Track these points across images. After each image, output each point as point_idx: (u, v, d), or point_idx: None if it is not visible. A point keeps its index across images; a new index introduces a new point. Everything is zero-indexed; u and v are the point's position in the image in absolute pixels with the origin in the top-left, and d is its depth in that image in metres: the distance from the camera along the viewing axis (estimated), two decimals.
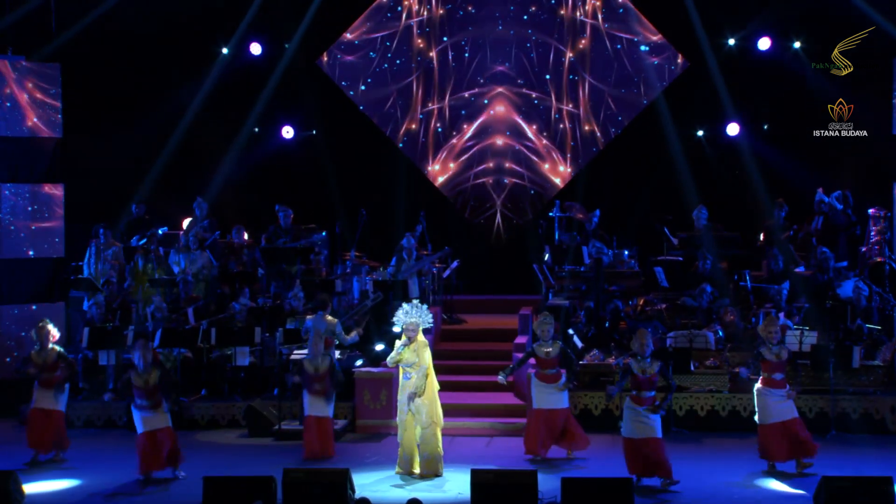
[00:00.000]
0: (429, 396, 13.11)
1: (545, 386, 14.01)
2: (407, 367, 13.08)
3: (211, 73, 20.50)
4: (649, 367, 12.71)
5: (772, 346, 13.26)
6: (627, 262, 18.47)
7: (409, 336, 13.12)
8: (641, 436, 12.57)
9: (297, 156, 21.51)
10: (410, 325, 13.15)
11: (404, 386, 13.12)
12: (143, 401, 13.08)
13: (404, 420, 13.09)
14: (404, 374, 13.13)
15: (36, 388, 14.19)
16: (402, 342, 13.16)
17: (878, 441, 14.88)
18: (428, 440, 13.05)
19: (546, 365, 14.03)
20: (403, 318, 13.23)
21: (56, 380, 14.15)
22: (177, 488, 12.64)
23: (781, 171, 19.74)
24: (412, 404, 13.02)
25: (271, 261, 18.54)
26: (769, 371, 13.27)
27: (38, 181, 18.43)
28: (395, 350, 13.23)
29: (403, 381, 13.15)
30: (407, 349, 13.10)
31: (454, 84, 21.91)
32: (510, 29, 21.82)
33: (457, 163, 22.01)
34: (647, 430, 12.57)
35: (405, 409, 13.07)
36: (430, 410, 13.07)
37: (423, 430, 13.03)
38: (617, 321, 17.19)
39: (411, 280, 18.22)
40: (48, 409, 14.05)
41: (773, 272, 17.97)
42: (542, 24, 21.75)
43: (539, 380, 14.07)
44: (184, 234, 18.99)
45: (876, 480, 11.23)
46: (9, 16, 18.01)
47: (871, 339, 16.17)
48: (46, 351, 14.21)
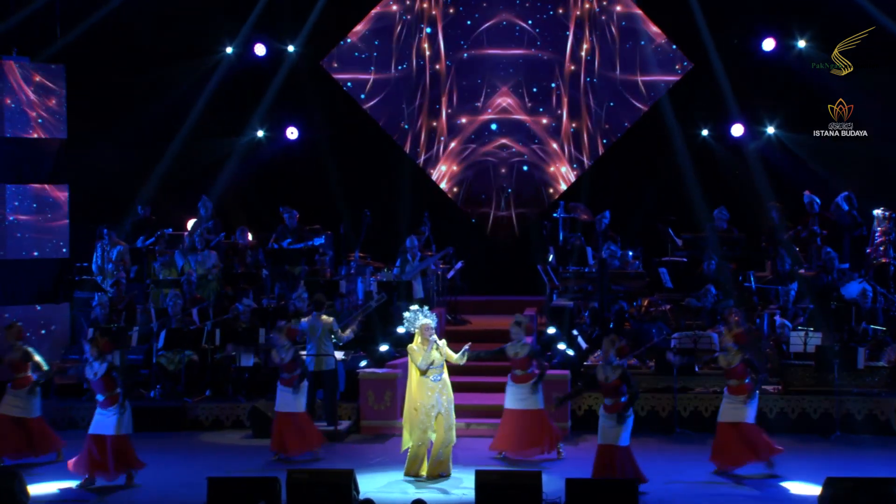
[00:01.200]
0: (451, 395, 13.16)
1: (517, 387, 14.11)
2: (436, 368, 13.03)
3: (215, 74, 20.51)
4: (612, 373, 12.59)
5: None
6: (632, 263, 18.46)
7: (428, 337, 13.04)
8: (603, 442, 12.48)
9: (301, 157, 21.51)
10: (425, 326, 13.08)
11: (433, 388, 12.96)
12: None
13: (432, 423, 12.94)
14: (434, 375, 13.00)
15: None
16: (428, 346, 13.00)
17: (883, 442, 14.87)
18: (449, 440, 13.04)
19: (517, 365, 14.11)
20: (415, 323, 13.14)
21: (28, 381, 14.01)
22: (181, 489, 12.62)
23: (786, 172, 19.72)
24: (443, 405, 12.98)
25: (275, 262, 18.54)
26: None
27: (42, 182, 18.45)
28: (423, 356, 12.99)
29: (433, 383, 13.02)
30: (434, 350, 13.04)
31: (459, 85, 21.91)
32: (515, 30, 21.81)
33: (461, 164, 22.00)
34: (609, 437, 12.44)
35: (434, 413, 12.92)
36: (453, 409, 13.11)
37: (449, 431, 12.99)
38: (621, 322, 17.19)
39: (415, 281, 18.23)
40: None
41: (779, 273, 17.96)
42: (548, 25, 21.74)
43: (511, 381, 14.20)
44: (189, 234, 19.00)
45: (880, 481, 11.24)
46: (14, 17, 18.03)
47: (875, 340, 16.16)
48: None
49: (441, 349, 13.09)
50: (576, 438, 15.21)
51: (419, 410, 12.96)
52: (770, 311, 16.87)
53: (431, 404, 12.95)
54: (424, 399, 12.97)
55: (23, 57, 18.34)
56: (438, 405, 12.96)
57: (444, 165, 21.99)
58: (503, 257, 21.53)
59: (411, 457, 13.09)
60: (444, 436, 12.96)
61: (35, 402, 13.99)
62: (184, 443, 13.88)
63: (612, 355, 12.57)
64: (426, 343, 13.04)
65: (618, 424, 12.29)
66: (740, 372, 13.13)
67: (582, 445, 14.85)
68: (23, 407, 13.90)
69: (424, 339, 13.07)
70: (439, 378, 13.03)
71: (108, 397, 12.81)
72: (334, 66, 21.93)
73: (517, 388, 14.11)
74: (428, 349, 13.01)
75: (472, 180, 21.99)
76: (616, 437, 12.29)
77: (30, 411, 13.95)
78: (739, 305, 17.04)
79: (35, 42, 18.51)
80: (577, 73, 21.70)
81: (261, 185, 21.15)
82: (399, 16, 21.89)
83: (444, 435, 12.96)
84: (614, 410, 12.38)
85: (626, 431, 12.34)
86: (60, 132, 18.60)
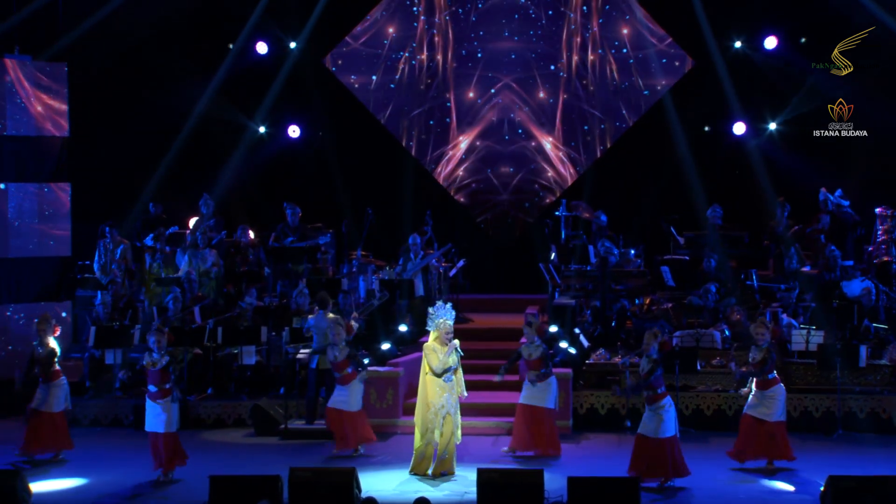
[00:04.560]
0: None
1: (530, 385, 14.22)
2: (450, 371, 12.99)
3: (217, 72, 20.50)
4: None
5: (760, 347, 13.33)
6: (634, 262, 18.45)
7: (447, 340, 12.96)
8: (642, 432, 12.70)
9: (304, 155, 21.53)
10: (445, 327, 12.98)
11: (444, 388, 12.90)
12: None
13: (441, 422, 12.89)
14: (445, 377, 12.94)
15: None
16: (448, 350, 12.92)
17: (885, 440, 14.86)
18: (455, 440, 13.05)
19: (531, 366, 14.19)
20: (435, 319, 13.04)
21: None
22: (183, 487, 12.63)
23: (788, 170, 19.71)
24: (453, 405, 12.97)
25: (277, 260, 18.55)
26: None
27: (44, 180, 18.45)
28: (440, 360, 12.89)
29: (445, 383, 12.93)
30: (454, 354, 12.98)
31: (461, 83, 21.92)
32: (518, 30, 21.82)
33: (464, 162, 22.01)
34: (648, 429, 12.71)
35: (444, 413, 12.88)
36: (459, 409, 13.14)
37: (455, 431, 12.97)
38: (623, 320, 17.19)
39: (417, 279, 18.24)
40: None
41: (786, 271, 17.95)
42: (550, 23, 21.74)
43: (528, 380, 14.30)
44: (190, 232, 19.00)
45: (883, 480, 11.23)
46: (16, 15, 18.02)
47: (877, 338, 16.15)
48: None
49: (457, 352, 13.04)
50: (578, 437, 15.21)
51: (430, 409, 12.96)
52: (772, 309, 16.85)
53: (441, 404, 12.93)
54: (435, 399, 12.94)
55: (25, 55, 18.34)
56: (448, 405, 12.94)
57: (446, 163, 21.99)
58: (505, 255, 21.54)
59: (417, 455, 13.07)
60: (450, 435, 12.96)
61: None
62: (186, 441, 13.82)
63: (653, 348, 12.76)
64: (444, 345, 12.96)
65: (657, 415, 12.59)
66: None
67: (584, 444, 14.86)
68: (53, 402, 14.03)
69: (442, 340, 12.97)
70: (451, 378, 12.99)
71: (161, 390, 12.95)
72: (337, 63, 21.94)
73: (529, 385, 14.18)
74: (447, 353, 12.94)
75: (474, 178, 21.98)
76: (656, 431, 12.56)
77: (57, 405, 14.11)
78: (741, 304, 17.06)
79: (37, 41, 18.51)
80: (579, 71, 21.69)
81: (263, 183, 21.15)
82: (400, 13, 21.88)
83: (450, 435, 12.96)
84: (654, 402, 12.65)
85: (667, 423, 12.66)
86: (63, 131, 18.61)
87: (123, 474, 13.20)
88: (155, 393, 12.97)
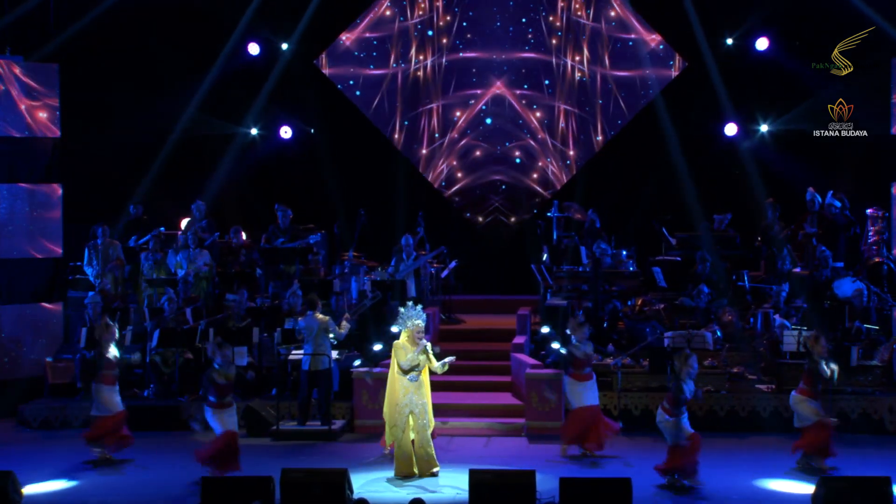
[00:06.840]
0: (427, 396, 13.14)
1: (580, 384, 14.23)
2: (417, 371, 13.05)
3: (209, 74, 20.47)
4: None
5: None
6: (626, 263, 18.47)
7: (418, 339, 13.04)
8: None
9: (296, 156, 21.51)
10: (417, 328, 13.09)
11: (408, 388, 12.99)
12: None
13: (405, 422, 13.01)
14: (410, 376, 13.03)
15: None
16: (417, 348, 13.00)
17: (877, 441, 14.90)
18: (428, 440, 13.05)
19: (580, 365, 14.22)
20: (406, 321, 13.14)
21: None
22: (175, 489, 12.60)
23: (779, 172, 19.73)
24: (417, 405, 12.99)
25: (269, 261, 18.54)
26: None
27: (36, 181, 18.41)
28: (409, 357, 12.99)
29: (409, 382, 13.03)
30: (423, 353, 13.04)
31: (453, 84, 21.92)
32: (509, 30, 21.83)
33: (455, 163, 22.02)
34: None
35: (406, 412, 12.99)
36: (429, 410, 13.12)
37: (423, 430, 13.01)
38: (615, 321, 17.19)
39: (409, 280, 18.25)
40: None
41: (779, 272, 17.97)
42: (541, 24, 21.75)
43: (575, 380, 14.26)
44: (182, 233, 18.98)
45: (875, 480, 11.24)
46: (7, 16, 17.98)
47: (869, 339, 16.17)
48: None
49: (428, 353, 13.10)
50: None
51: (395, 407, 13.03)
52: (764, 309, 16.87)
53: (404, 403, 13.01)
54: (398, 397, 13.05)
55: (16, 56, 18.30)
56: (411, 404, 13.00)
57: (438, 165, 22.00)
58: (497, 256, 21.54)
59: (398, 456, 13.10)
60: (422, 435, 13.00)
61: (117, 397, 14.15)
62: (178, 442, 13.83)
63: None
64: (415, 344, 13.06)
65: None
66: None
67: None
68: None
69: (413, 339, 13.08)
70: (416, 378, 13.05)
71: (221, 403, 13.07)
72: (329, 64, 21.93)
73: (580, 385, 14.31)
74: (416, 351, 13.03)
75: (466, 179, 22.00)
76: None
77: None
78: (733, 304, 17.08)
79: (28, 41, 18.46)
80: (570, 72, 21.71)
81: (255, 185, 21.12)
82: (392, 14, 21.89)
83: (422, 434, 13.00)
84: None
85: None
86: (54, 131, 18.58)
87: (119, 476, 13.20)
88: (215, 404, 13.02)
